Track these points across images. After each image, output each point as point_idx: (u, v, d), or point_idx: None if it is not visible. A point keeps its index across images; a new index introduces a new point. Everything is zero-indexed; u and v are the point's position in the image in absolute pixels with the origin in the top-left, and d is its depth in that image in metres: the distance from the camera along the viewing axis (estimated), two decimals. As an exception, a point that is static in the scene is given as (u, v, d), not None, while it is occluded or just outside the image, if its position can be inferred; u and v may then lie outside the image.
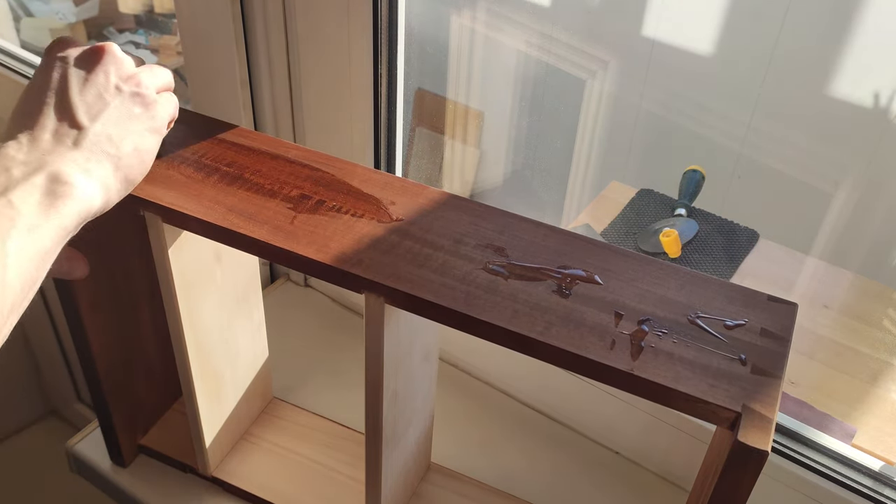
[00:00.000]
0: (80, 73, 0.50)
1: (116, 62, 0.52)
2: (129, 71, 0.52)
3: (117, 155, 0.49)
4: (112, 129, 0.50)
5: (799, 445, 0.69)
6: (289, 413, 0.79)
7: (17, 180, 0.44)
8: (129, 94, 0.51)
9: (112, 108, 0.50)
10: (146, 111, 0.52)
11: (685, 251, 1.33)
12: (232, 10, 0.77)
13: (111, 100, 0.50)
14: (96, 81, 0.50)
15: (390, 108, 0.80)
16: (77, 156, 0.47)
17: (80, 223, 0.47)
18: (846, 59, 1.29)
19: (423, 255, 0.50)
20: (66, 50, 0.52)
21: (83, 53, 0.52)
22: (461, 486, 0.73)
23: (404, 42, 0.77)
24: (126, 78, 0.52)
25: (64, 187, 0.45)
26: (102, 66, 0.51)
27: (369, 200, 0.55)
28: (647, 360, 0.44)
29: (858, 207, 1.36)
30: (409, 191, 0.56)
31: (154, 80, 0.54)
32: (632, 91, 1.52)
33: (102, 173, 0.48)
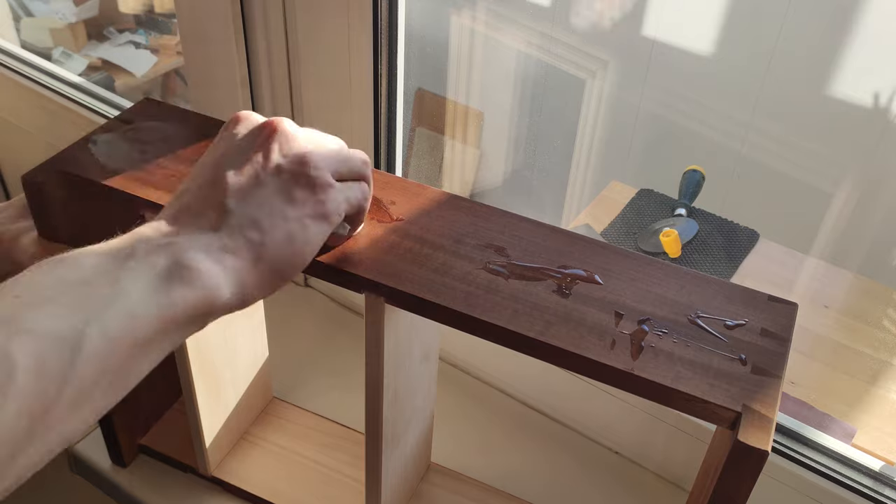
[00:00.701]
0: (242, 151, 0.44)
1: (283, 137, 0.45)
2: (297, 149, 0.45)
3: (261, 242, 0.42)
4: (262, 215, 0.43)
5: (799, 445, 0.69)
6: (289, 413, 0.79)
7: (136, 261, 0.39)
8: (291, 175, 0.44)
9: (267, 191, 0.43)
10: (311, 196, 0.44)
11: (685, 251, 1.33)
12: (232, 10, 0.77)
13: (268, 180, 0.43)
14: (255, 160, 0.44)
15: (390, 108, 0.80)
16: (212, 240, 0.41)
17: (199, 317, 0.40)
18: (846, 59, 1.29)
19: (423, 255, 0.50)
20: (237, 125, 0.46)
21: (252, 129, 0.46)
22: (461, 486, 0.73)
23: (404, 42, 0.77)
24: (292, 156, 0.44)
25: (185, 272, 0.39)
26: (266, 142, 0.45)
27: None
28: (647, 359, 0.44)
29: (858, 207, 1.36)
30: (409, 191, 0.56)
31: (330, 162, 0.46)
32: (632, 91, 1.52)
33: (238, 263, 0.41)
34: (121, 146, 0.58)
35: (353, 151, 0.48)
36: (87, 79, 1.23)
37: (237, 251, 0.42)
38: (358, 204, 0.48)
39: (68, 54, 2.41)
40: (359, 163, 0.48)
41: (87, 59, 2.41)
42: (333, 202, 0.45)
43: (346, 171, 0.47)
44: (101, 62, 2.42)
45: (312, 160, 0.45)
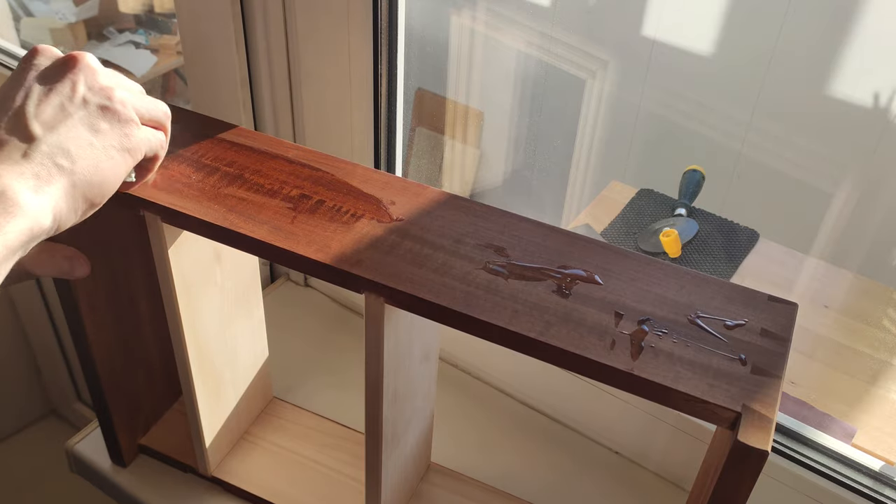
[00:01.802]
0: (46, 82, 0.46)
1: (88, 71, 0.47)
2: (102, 82, 0.47)
3: (72, 170, 0.44)
4: (69, 143, 0.45)
5: (799, 445, 0.69)
6: (289, 413, 0.79)
7: None
8: (98, 107, 0.46)
9: (73, 120, 0.45)
10: (117, 128, 0.47)
11: (685, 251, 1.33)
12: (232, 10, 0.77)
13: (74, 111, 0.45)
14: (61, 91, 0.46)
15: (390, 108, 0.80)
16: (26, 169, 0.43)
17: (28, 242, 0.43)
18: (846, 59, 1.29)
19: (423, 255, 0.50)
20: (38, 58, 0.47)
21: (55, 62, 0.47)
22: (461, 486, 0.73)
23: (404, 42, 0.77)
24: (98, 89, 0.47)
25: (9, 204, 0.41)
26: (71, 74, 0.46)
27: (369, 200, 0.55)
28: (647, 359, 0.44)
29: (858, 207, 1.36)
30: (409, 191, 0.56)
31: (135, 102, 0.48)
32: (632, 91, 1.52)
33: (53, 190, 0.43)
34: (121, 146, 0.58)
35: (155, 100, 0.50)
36: (87, 79, 1.23)
37: (50, 179, 0.43)
38: (155, 148, 0.50)
39: (68, 54, 2.40)
40: (161, 112, 0.50)
41: (87, 59, 2.40)
42: (136, 138, 0.48)
43: (148, 116, 0.49)
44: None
45: (118, 95, 0.47)
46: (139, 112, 0.48)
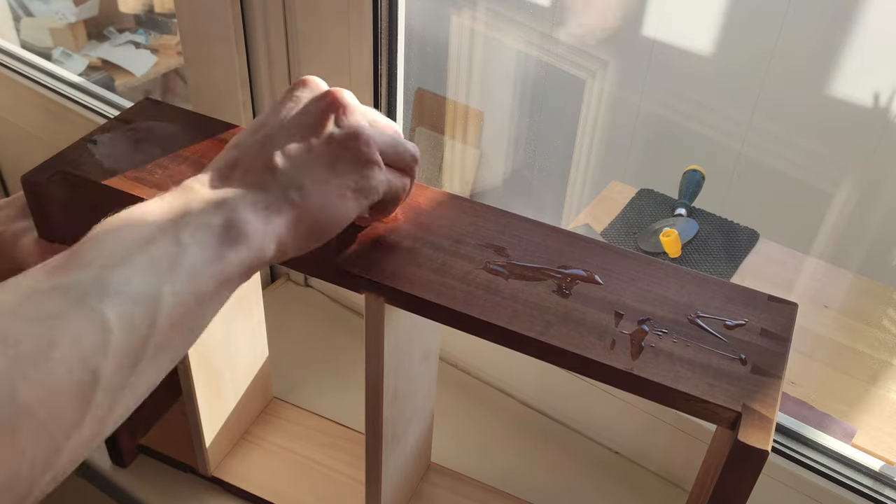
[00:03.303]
0: (300, 115, 0.46)
1: (343, 109, 0.46)
2: (352, 122, 0.46)
3: (302, 205, 0.44)
4: (305, 178, 0.44)
5: (799, 445, 0.69)
6: (289, 413, 0.79)
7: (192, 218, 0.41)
8: (341, 146, 0.45)
9: (314, 156, 0.45)
10: (357, 169, 0.46)
11: (685, 251, 1.33)
12: (232, 10, 0.77)
13: (318, 147, 0.45)
14: (310, 125, 0.46)
15: (390, 108, 0.80)
16: (258, 198, 0.43)
17: (247, 272, 0.43)
18: (846, 59, 1.29)
19: (423, 255, 0.50)
20: (301, 90, 0.48)
21: (315, 96, 0.47)
22: (461, 486, 0.73)
23: (404, 42, 0.77)
24: (346, 127, 0.46)
25: (237, 235, 0.41)
26: (324, 110, 0.46)
27: (369, 200, 0.54)
28: (647, 359, 0.44)
29: (858, 207, 1.36)
30: (409, 191, 0.56)
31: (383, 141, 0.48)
32: (632, 91, 1.52)
33: (280, 222, 0.43)
34: (121, 146, 0.58)
35: (406, 142, 0.49)
36: (87, 79, 1.23)
37: (280, 210, 0.43)
38: (396, 192, 0.49)
39: (68, 54, 2.41)
40: (408, 155, 0.49)
41: (87, 59, 2.41)
42: (374, 180, 0.47)
43: (394, 158, 0.48)
44: (101, 62, 2.42)
45: (364, 136, 0.46)
46: (385, 153, 0.48)
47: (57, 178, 0.55)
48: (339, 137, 0.46)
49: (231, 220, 0.41)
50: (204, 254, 0.40)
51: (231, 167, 0.45)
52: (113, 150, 0.58)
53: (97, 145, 0.58)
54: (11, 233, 0.60)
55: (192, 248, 0.40)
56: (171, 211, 0.41)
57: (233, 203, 0.42)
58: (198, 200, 0.42)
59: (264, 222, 0.43)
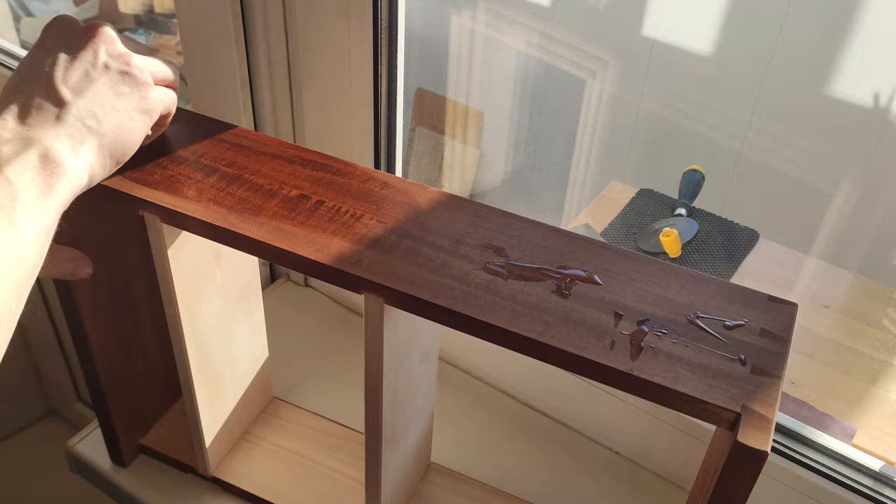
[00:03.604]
0: (70, 50, 0.50)
1: (107, 40, 0.51)
2: (120, 50, 0.51)
3: (100, 132, 0.48)
4: (96, 106, 0.49)
5: (799, 445, 0.69)
6: (289, 413, 0.79)
7: (9, 157, 0.44)
8: (118, 73, 0.50)
9: (98, 85, 0.49)
10: (136, 91, 0.51)
11: (685, 251, 1.33)
12: (232, 10, 0.77)
13: (97, 77, 0.49)
14: (84, 58, 0.50)
15: (390, 108, 0.80)
16: (61, 132, 0.47)
17: (71, 199, 0.47)
18: (846, 59, 1.29)
19: (422, 255, 0.50)
20: (60, 28, 0.51)
21: (76, 32, 0.51)
22: (461, 486, 0.73)
23: (404, 42, 0.77)
24: (116, 56, 0.51)
25: (56, 165, 0.45)
26: (93, 43, 0.50)
27: (369, 200, 0.55)
28: (647, 360, 0.44)
29: (858, 207, 1.36)
30: (408, 191, 0.56)
31: (149, 65, 0.53)
32: (632, 91, 1.52)
33: (86, 150, 0.48)
34: (121, 146, 0.58)
35: (164, 62, 0.54)
36: (87, 79, 1.23)
37: (83, 139, 0.47)
38: (168, 108, 0.54)
39: (68, 54, 2.40)
40: (170, 73, 0.55)
41: (87, 59, 2.40)
42: (153, 99, 0.52)
43: (160, 77, 0.53)
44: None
45: (135, 61, 0.51)
46: (153, 75, 0.52)
47: (57, 178, 0.55)
48: (114, 65, 0.50)
49: (45, 153, 0.45)
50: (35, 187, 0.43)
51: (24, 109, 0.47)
52: (113, 150, 0.58)
53: (97, 145, 0.58)
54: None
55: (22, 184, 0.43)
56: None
57: (39, 139, 0.45)
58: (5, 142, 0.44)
59: (73, 152, 0.46)
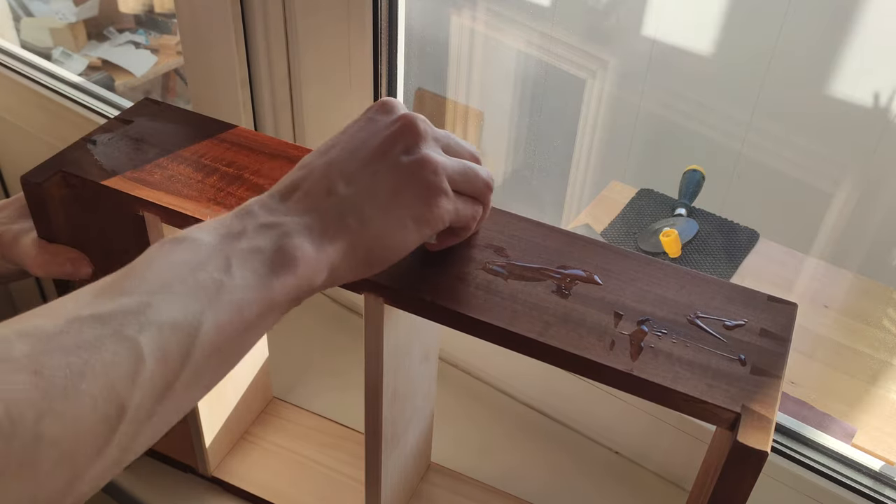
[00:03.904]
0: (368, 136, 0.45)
1: (411, 133, 0.44)
2: (423, 149, 0.44)
3: (358, 232, 0.42)
4: (365, 204, 0.42)
5: (799, 445, 0.69)
6: (289, 413, 0.79)
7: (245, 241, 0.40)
8: (408, 172, 0.43)
9: (377, 180, 0.43)
10: (422, 197, 0.43)
11: (685, 251, 1.33)
12: (232, 10, 0.77)
13: (381, 171, 0.43)
14: (376, 148, 0.44)
15: (390, 108, 0.80)
16: (314, 223, 0.42)
17: (296, 300, 0.41)
18: (846, 59, 1.29)
19: (422, 256, 0.50)
20: (378, 112, 0.46)
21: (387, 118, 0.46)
22: (461, 486, 0.73)
23: (404, 42, 0.77)
24: (415, 152, 0.44)
25: (288, 261, 0.40)
26: (393, 133, 0.44)
27: (369, 200, 0.54)
28: (647, 360, 0.44)
29: (858, 207, 1.36)
30: (408, 191, 0.56)
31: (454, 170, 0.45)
32: (632, 91, 1.52)
33: (333, 249, 0.42)
34: (120, 146, 0.58)
35: (479, 169, 0.47)
36: (87, 79, 1.23)
37: (335, 237, 0.42)
38: (465, 221, 0.47)
39: (68, 54, 2.41)
40: (481, 184, 0.47)
41: (86, 59, 2.41)
42: (440, 210, 0.44)
43: (465, 185, 0.46)
44: (101, 62, 2.42)
45: (432, 164, 0.44)
46: (455, 182, 0.45)
47: (57, 178, 0.55)
48: (406, 164, 0.43)
49: (282, 246, 0.40)
50: (250, 280, 0.39)
51: (293, 189, 0.44)
52: (113, 150, 0.58)
53: (97, 145, 0.58)
54: (12, 233, 0.60)
55: (239, 274, 0.39)
56: (226, 233, 0.41)
57: (286, 227, 0.41)
58: (253, 224, 0.41)
59: (317, 249, 0.41)
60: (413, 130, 0.44)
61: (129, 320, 0.35)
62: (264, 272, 0.40)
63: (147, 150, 0.58)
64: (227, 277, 0.38)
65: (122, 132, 0.60)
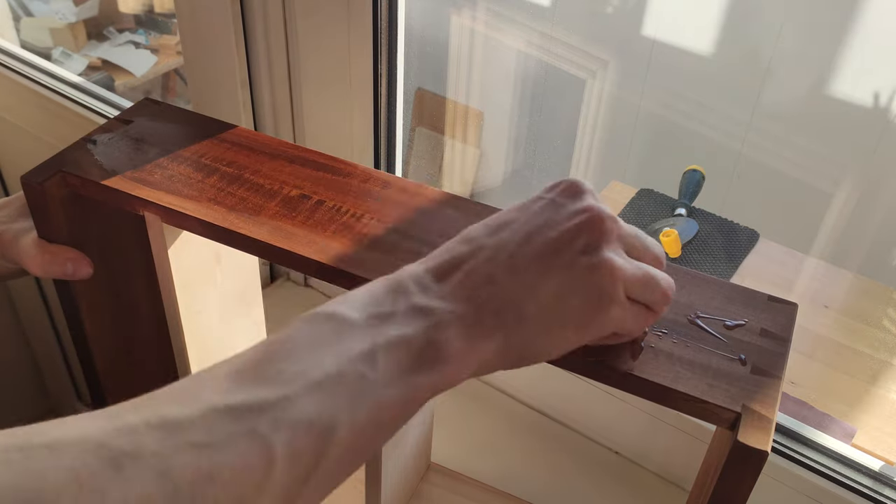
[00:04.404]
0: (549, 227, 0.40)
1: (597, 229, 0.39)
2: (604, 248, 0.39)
3: (515, 332, 0.38)
4: (528, 300, 0.38)
5: (799, 445, 0.69)
6: (289, 413, 0.79)
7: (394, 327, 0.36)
8: (585, 271, 0.38)
9: (548, 276, 0.38)
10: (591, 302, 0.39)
11: (685, 251, 1.33)
12: (232, 10, 0.77)
13: (553, 265, 0.39)
14: (552, 238, 0.39)
15: (390, 108, 0.80)
16: (469, 315, 0.37)
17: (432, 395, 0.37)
18: (846, 59, 1.29)
19: (422, 256, 0.50)
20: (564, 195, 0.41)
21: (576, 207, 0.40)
22: (461, 486, 0.73)
23: (404, 42, 0.77)
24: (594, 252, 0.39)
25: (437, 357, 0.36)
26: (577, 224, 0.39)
27: (369, 200, 0.55)
28: (647, 360, 0.44)
29: (858, 207, 1.36)
30: (408, 191, 0.56)
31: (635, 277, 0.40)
32: (632, 91, 1.52)
33: (485, 347, 0.38)
34: (120, 146, 0.58)
35: (660, 276, 0.41)
36: (87, 79, 1.23)
37: (490, 334, 0.38)
38: (629, 332, 0.42)
39: (68, 54, 2.41)
40: (659, 293, 0.41)
41: (86, 59, 2.41)
42: (606, 319, 0.40)
43: (640, 294, 0.41)
44: (101, 62, 2.42)
45: (611, 271, 0.39)
46: (631, 290, 0.40)
47: (57, 178, 0.55)
48: (583, 266, 0.39)
49: (433, 339, 0.36)
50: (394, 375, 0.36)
51: (454, 266, 0.39)
52: (112, 150, 0.58)
53: (97, 145, 0.58)
54: (12, 233, 0.60)
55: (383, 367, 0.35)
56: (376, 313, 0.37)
57: (440, 316, 0.37)
58: (405, 305, 0.38)
59: (469, 344, 0.37)
60: (598, 228, 0.40)
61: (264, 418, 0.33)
62: (409, 366, 0.36)
63: (147, 150, 0.58)
64: (371, 371, 0.35)
65: (122, 132, 0.60)
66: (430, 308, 0.37)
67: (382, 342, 0.36)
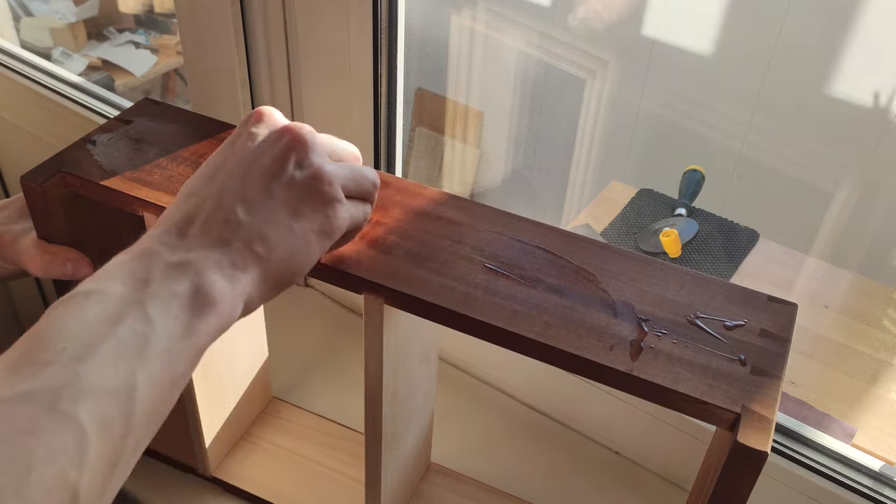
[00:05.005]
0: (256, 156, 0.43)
1: (301, 147, 0.43)
2: (314, 160, 0.43)
3: (268, 258, 0.41)
4: (269, 228, 0.42)
5: (799, 445, 0.69)
6: (289, 413, 0.79)
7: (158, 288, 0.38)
8: (303, 187, 0.43)
9: (276, 202, 0.42)
10: (319, 210, 0.43)
11: (685, 251, 1.33)
12: (232, 10, 0.77)
13: (279, 192, 0.42)
14: (268, 168, 0.43)
15: (390, 108, 0.80)
16: (224, 258, 0.40)
17: (216, 336, 0.40)
18: (846, 59, 1.29)
19: (422, 256, 0.50)
20: (257, 124, 0.45)
21: (272, 133, 0.44)
22: (461, 486, 0.73)
23: (404, 42, 0.77)
24: (307, 167, 0.43)
25: (207, 301, 0.39)
26: (284, 151, 0.43)
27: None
28: (647, 360, 0.44)
29: (858, 207, 1.36)
30: (408, 191, 0.56)
31: (343, 176, 0.45)
32: (632, 91, 1.52)
33: (246, 280, 0.41)
34: (120, 146, 0.58)
35: (365, 170, 0.47)
36: (87, 79, 1.23)
37: (246, 267, 0.41)
38: (358, 223, 0.47)
39: (68, 54, 2.41)
40: (369, 184, 0.47)
41: (86, 59, 2.41)
42: (338, 219, 0.44)
43: (355, 189, 0.46)
44: (101, 62, 2.42)
45: (327, 175, 0.43)
46: (346, 187, 0.45)
47: (57, 178, 0.55)
48: (301, 180, 0.43)
49: (198, 286, 0.39)
50: (175, 328, 0.37)
51: (189, 221, 0.42)
52: (112, 150, 0.58)
53: (97, 145, 0.58)
54: (11, 233, 0.60)
55: (161, 324, 0.37)
56: (133, 280, 0.38)
57: (196, 265, 0.39)
58: (160, 265, 0.39)
59: (231, 282, 0.40)
60: (302, 143, 0.44)
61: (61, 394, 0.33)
62: (186, 317, 0.38)
63: (147, 151, 0.58)
64: (150, 329, 0.36)
65: (121, 132, 0.60)
66: (185, 261, 0.40)
67: (151, 301, 0.37)
